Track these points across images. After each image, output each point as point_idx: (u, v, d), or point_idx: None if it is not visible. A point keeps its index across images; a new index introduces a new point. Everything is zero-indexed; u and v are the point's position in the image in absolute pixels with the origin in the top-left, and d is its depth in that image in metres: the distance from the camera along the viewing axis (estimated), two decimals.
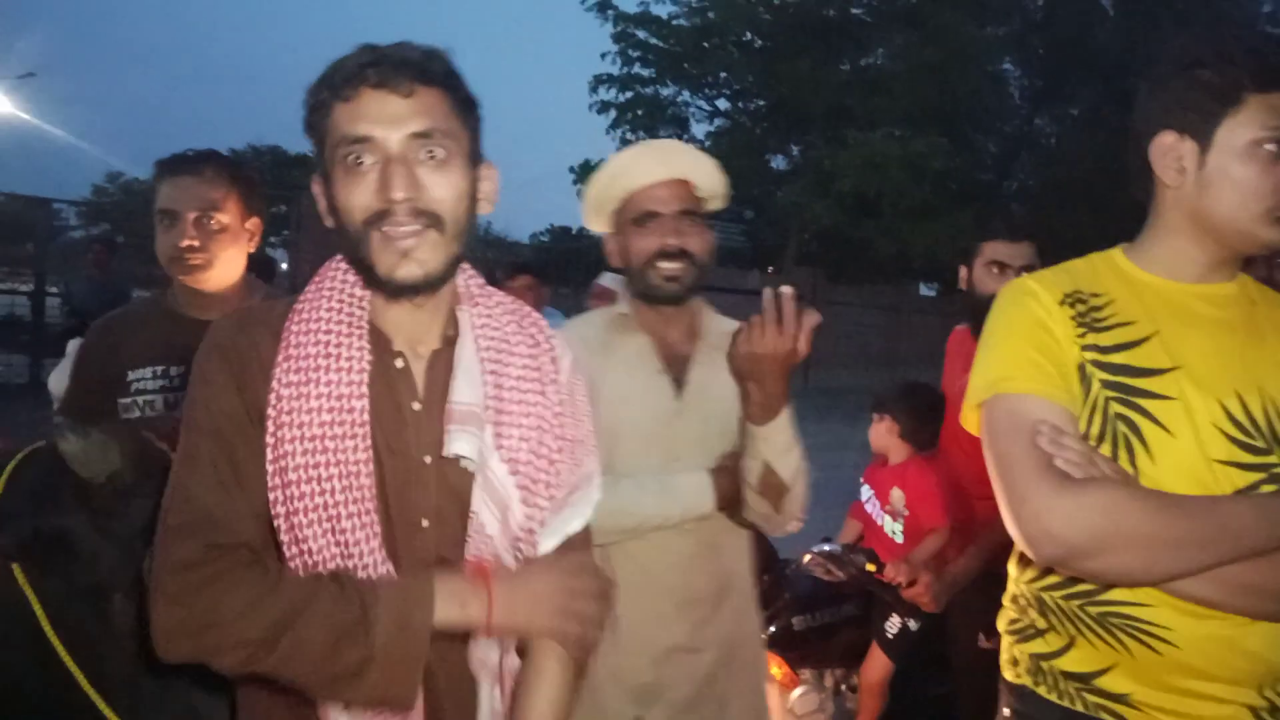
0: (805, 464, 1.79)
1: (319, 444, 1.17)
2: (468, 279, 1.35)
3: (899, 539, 3.05)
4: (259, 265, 7.55)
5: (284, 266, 10.55)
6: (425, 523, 1.25)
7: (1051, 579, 1.40)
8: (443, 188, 1.19)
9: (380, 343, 1.26)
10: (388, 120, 1.16)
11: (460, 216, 1.22)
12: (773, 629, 2.93)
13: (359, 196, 1.17)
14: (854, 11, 17.95)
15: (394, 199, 1.15)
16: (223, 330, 1.26)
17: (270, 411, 1.18)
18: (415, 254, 1.18)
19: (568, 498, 1.35)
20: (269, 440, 1.18)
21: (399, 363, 1.27)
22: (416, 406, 1.26)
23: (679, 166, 1.84)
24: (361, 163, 1.17)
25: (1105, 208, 14.12)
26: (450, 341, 1.30)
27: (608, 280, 4.53)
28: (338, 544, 1.17)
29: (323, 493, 1.17)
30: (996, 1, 16.95)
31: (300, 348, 1.21)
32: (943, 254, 14.60)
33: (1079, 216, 14.70)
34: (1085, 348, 1.37)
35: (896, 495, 3.07)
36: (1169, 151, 1.38)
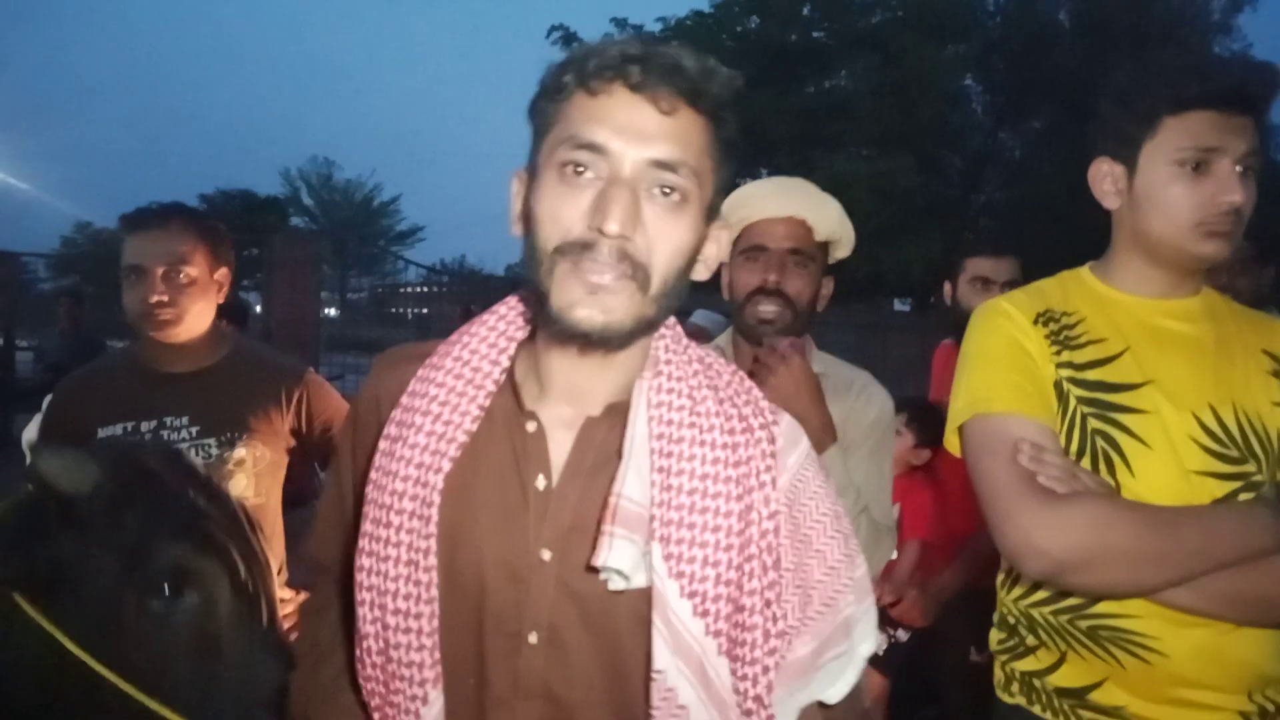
0: (864, 510, 1.64)
1: (385, 514, 0.99)
2: (660, 339, 1.05)
3: (893, 554, 3.03)
4: (232, 310, 7.50)
5: (258, 309, 10.47)
6: (533, 638, 0.98)
7: (1039, 595, 1.40)
8: (665, 237, 0.93)
9: (514, 399, 1.03)
10: (633, 133, 0.91)
11: (671, 276, 0.95)
12: None
13: (565, 212, 0.92)
14: (815, 35, 18.18)
15: (606, 231, 0.89)
16: (375, 366, 1.14)
17: (375, 462, 1.03)
18: (604, 297, 0.91)
19: (816, 660, 1.02)
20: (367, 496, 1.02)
21: (531, 425, 1.01)
22: (541, 484, 0.99)
23: (795, 204, 1.81)
24: (583, 172, 0.93)
25: (1071, 220, 14.29)
26: (616, 411, 1.01)
27: (700, 318, 4.55)
28: (381, 640, 0.99)
29: (379, 573, 0.98)
30: (956, 22, 17.20)
31: (412, 396, 1.03)
32: (914, 270, 14.73)
33: (1046, 229, 14.87)
34: (1060, 365, 1.40)
35: (896, 510, 3.02)
36: (1105, 177, 1.45)
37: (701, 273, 1.02)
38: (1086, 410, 1.37)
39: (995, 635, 1.53)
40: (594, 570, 0.95)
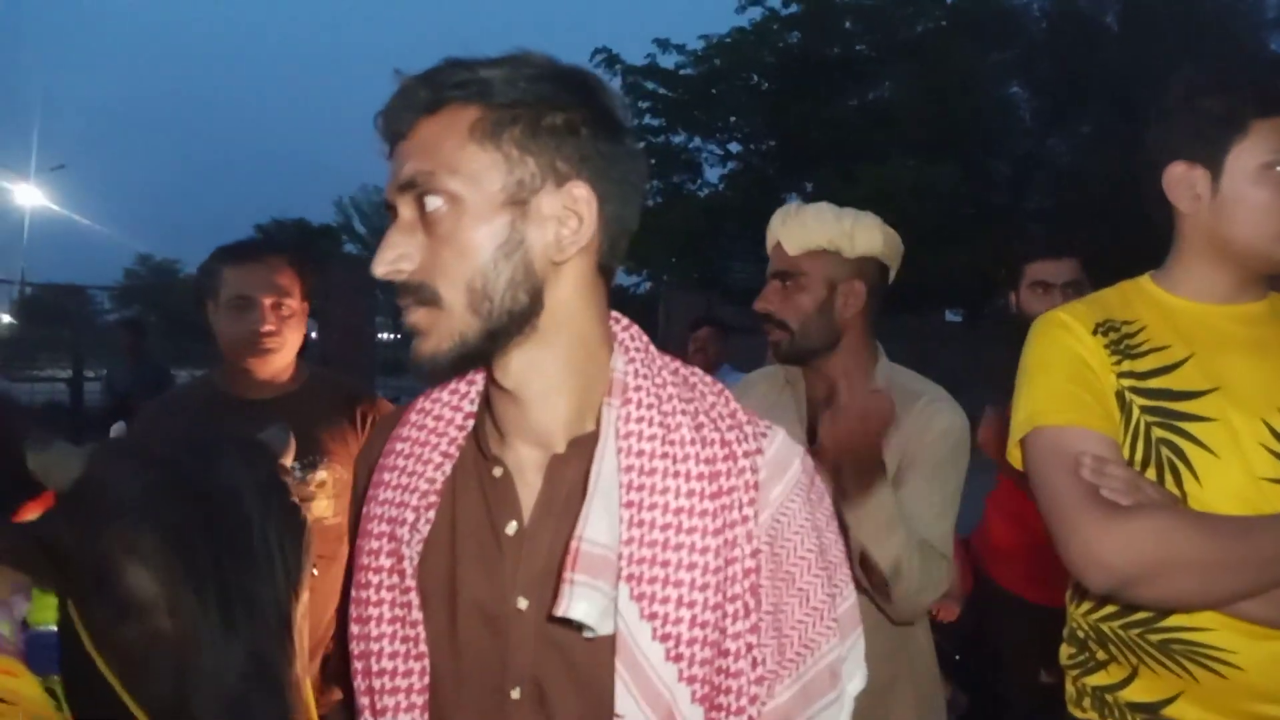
0: (917, 551, 1.58)
1: (365, 575, 0.97)
2: (629, 359, 0.97)
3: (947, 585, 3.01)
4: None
5: (314, 335, 10.69)
6: (516, 693, 0.92)
7: (1109, 609, 1.38)
8: (446, 247, 0.88)
9: (480, 444, 1.00)
10: (393, 174, 0.91)
11: (473, 277, 0.88)
12: None
13: None
14: (857, 48, 18.13)
15: (375, 274, 0.89)
16: (373, 432, 1.13)
17: (359, 525, 1.01)
18: (420, 331, 0.90)
19: (804, 708, 0.96)
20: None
21: (497, 471, 0.97)
22: (512, 529, 0.95)
23: (772, 232, 1.85)
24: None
25: (1123, 224, 14.03)
26: (582, 445, 0.95)
27: None
28: (369, 699, 0.95)
29: (365, 636, 0.96)
30: (999, 28, 17.04)
31: (385, 455, 1.02)
32: (963, 280, 14.56)
33: (1098, 235, 14.61)
34: (1121, 375, 1.38)
35: None
36: (1181, 181, 1.40)
37: (570, 250, 0.91)
38: (1150, 420, 1.35)
39: (1065, 650, 1.51)
40: (553, 617, 0.89)
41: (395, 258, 0.89)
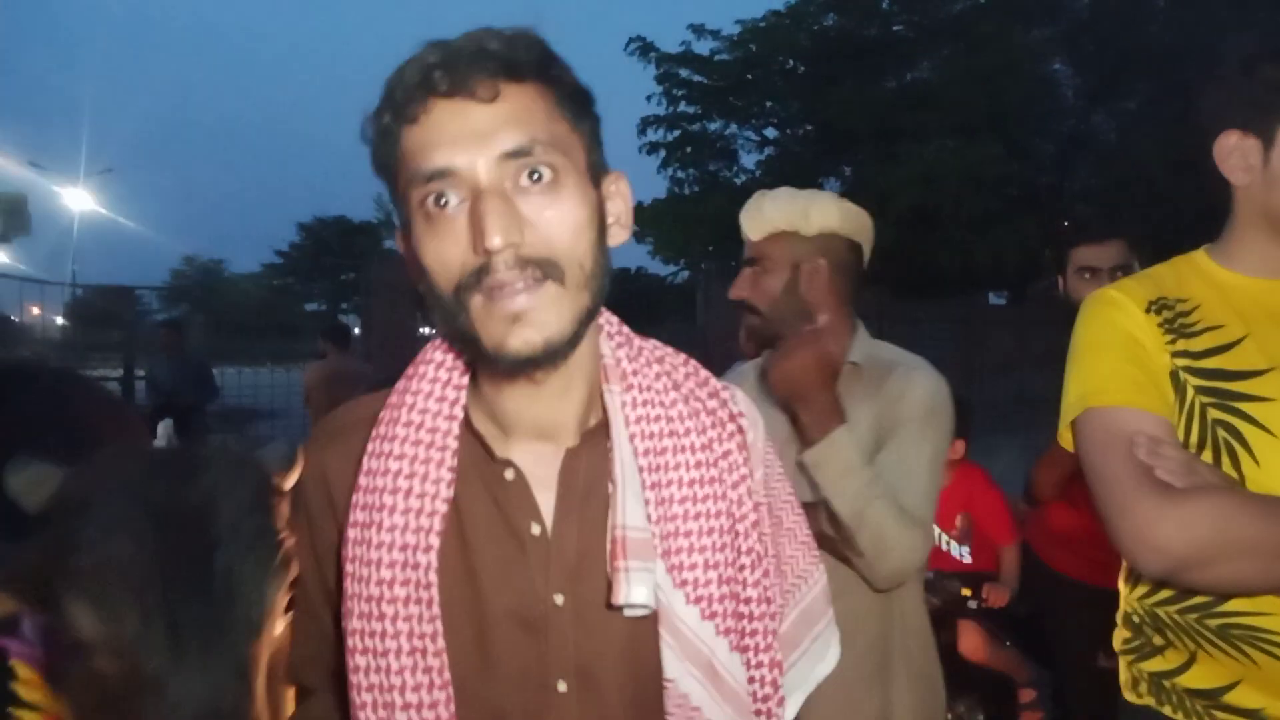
0: (887, 506, 1.58)
1: (375, 607, 0.91)
2: (616, 343, 1.00)
3: (966, 560, 2.99)
4: (334, 332, 7.71)
5: (357, 331, 10.80)
6: (563, 686, 0.93)
7: (1165, 593, 1.36)
8: (557, 222, 0.86)
9: (482, 450, 0.97)
10: (470, 139, 0.84)
11: (584, 255, 0.88)
12: None
13: (449, 250, 0.85)
14: (895, 28, 17.90)
15: (492, 248, 0.82)
16: (313, 442, 1.04)
17: (346, 553, 0.95)
18: (531, 316, 0.85)
19: (805, 633, 1.07)
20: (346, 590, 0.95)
21: (509, 474, 0.95)
22: (536, 530, 0.94)
23: (742, 222, 1.89)
24: (446, 204, 0.85)
25: (1173, 201, 13.79)
26: (593, 436, 0.97)
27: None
28: None
29: (380, 669, 0.91)
30: (1040, 4, 16.74)
31: (372, 475, 0.95)
32: (1009, 261, 14.36)
33: (1148, 212, 14.32)
34: (1175, 354, 1.34)
35: (962, 519, 3.00)
36: (1234, 151, 1.36)
37: (619, 235, 0.95)
38: (1205, 400, 1.31)
39: (1120, 635, 1.48)
40: (610, 604, 0.92)
41: (510, 226, 0.83)
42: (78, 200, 26.50)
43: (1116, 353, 1.36)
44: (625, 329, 1.03)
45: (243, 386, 12.30)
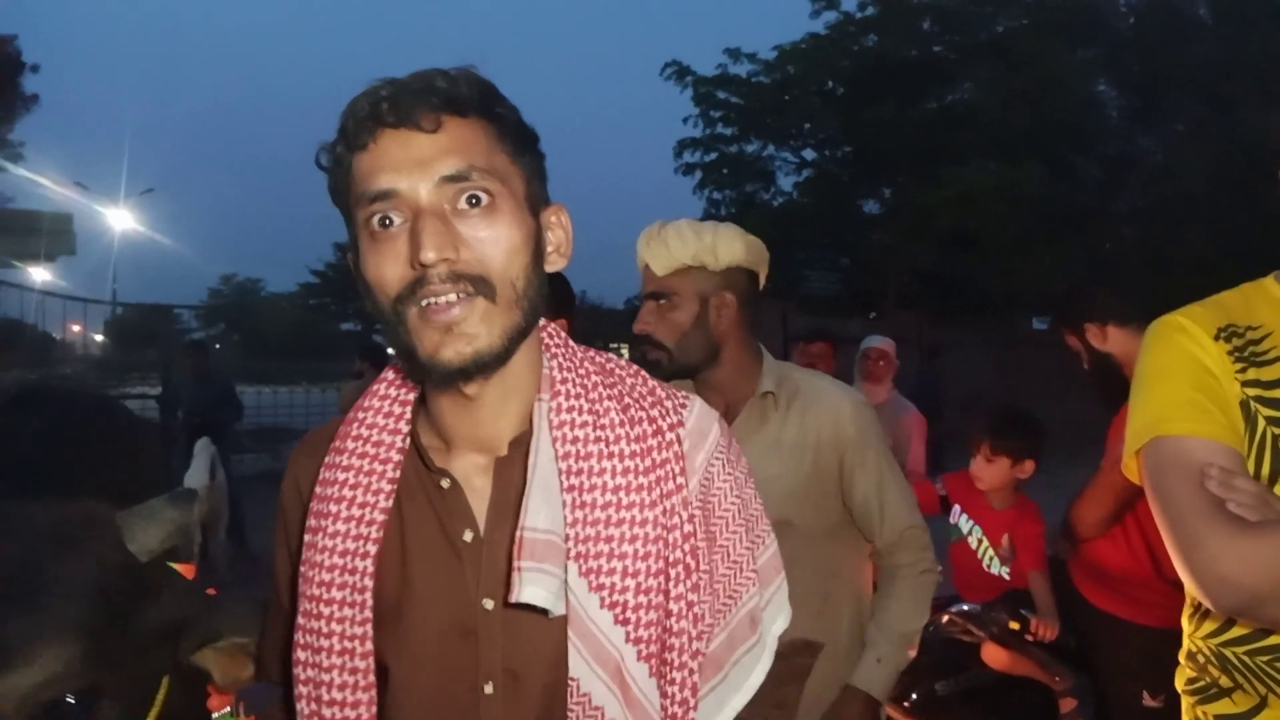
0: (892, 624, 1.90)
1: (315, 606, 0.99)
2: (551, 354, 1.05)
3: (1005, 577, 3.03)
4: (370, 352, 7.76)
5: (391, 351, 10.91)
6: (489, 688, 0.98)
7: (1235, 632, 1.29)
8: (490, 243, 0.92)
9: (421, 462, 1.03)
10: (413, 165, 0.91)
11: (517, 275, 0.94)
12: (914, 695, 2.79)
13: (389, 266, 0.92)
14: (935, 49, 17.85)
15: (425, 261, 0.88)
16: (293, 456, 1.13)
17: (303, 555, 1.02)
18: (461, 328, 0.91)
19: (727, 656, 1.05)
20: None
21: (445, 483, 1.01)
22: (468, 537, 0.99)
23: (640, 254, 1.91)
24: (389, 223, 0.92)
25: (1222, 224, 13.60)
26: (521, 444, 1.01)
27: (878, 342, 4.49)
28: None
29: (314, 665, 0.98)
30: (1083, 23, 16.64)
31: (324, 485, 1.02)
32: (1052, 284, 14.16)
33: (1194, 235, 14.12)
34: (1246, 384, 1.28)
35: (1008, 540, 3.04)
36: None
37: (557, 262, 1.02)
38: (1277, 431, 1.25)
39: (1183, 674, 1.41)
40: (529, 606, 0.94)
41: (444, 244, 0.90)
42: (119, 220, 27.06)
43: (1185, 380, 1.30)
44: (569, 342, 1.08)
45: (278, 406, 12.47)
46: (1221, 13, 16.65)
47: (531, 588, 0.93)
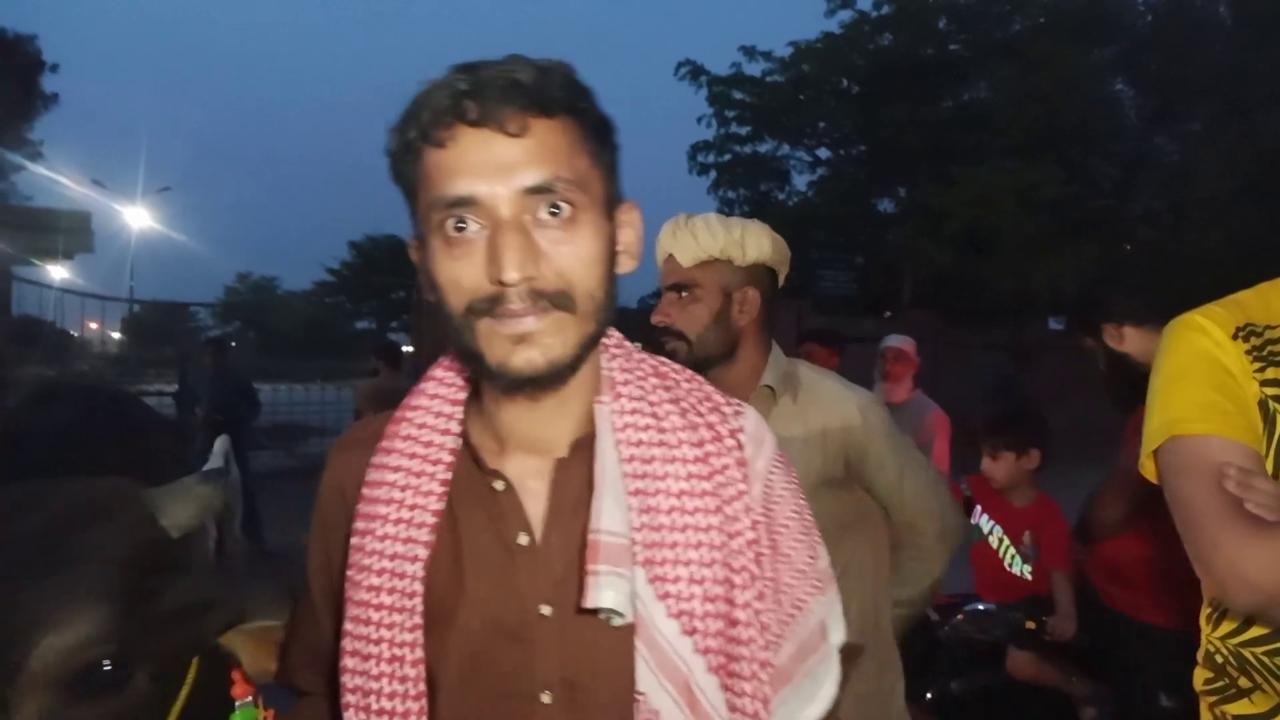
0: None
1: (364, 612, 0.95)
2: (611, 356, 1.02)
3: (1027, 577, 3.02)
4: (385, 350, 7.78)
5: (405, 349, 10.93)
6: (546, 697, 0.94)
7: (1254, 633, 1.29)
8: (571, 256, 0.89)
9: (474, 463, 0.99)
10: (494, 171, 0.86)
11: (596, 286, 0.91)
12: (930, 695, 2.79)
13: (464, 275, 0.88)
14: (951, 48, 17.77)
15: (507, 281, 0.85)
16: (332, 454, 1.09)
17: (348, 559, 0.99)
18: (536, 338, 0.88)
19: (797, 667, 1.00)
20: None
21: (499, 485, 0.97)
22: (524, 540, 0.96)
23: (664, 244, 1.91)
24: (464, 229, 0.88)
25: (1239, 224, 13.50)
26: (582, 447, 0.98)
27: (902, 342, 4.46)
28: None
29: (363, 673, 0.95)
30: (1100, 23, 16.53)
31: (371, 486, 0.99)
32: (1067, 285, 14.08)
33: (1211, 236, 14.01)
34: (1265, 383, 1.28)
35: (1030, 537, 3.03)
36: None
37: (626, 264, 0.97)
38: None
39: (1200, 674, 1.41)
40: (594, 613, 0.91)
41: (526, 259, 0.86)
42: (137, 218, 27.23)
43: (1203, 380, 1.30)
44: (626, 344, 1.05)
45: (294, 403, 12.52)
46: (1239, 14, 16.51)
47: (608, 591, 0.89)
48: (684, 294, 1.86)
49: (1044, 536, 2.98)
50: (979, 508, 3.15)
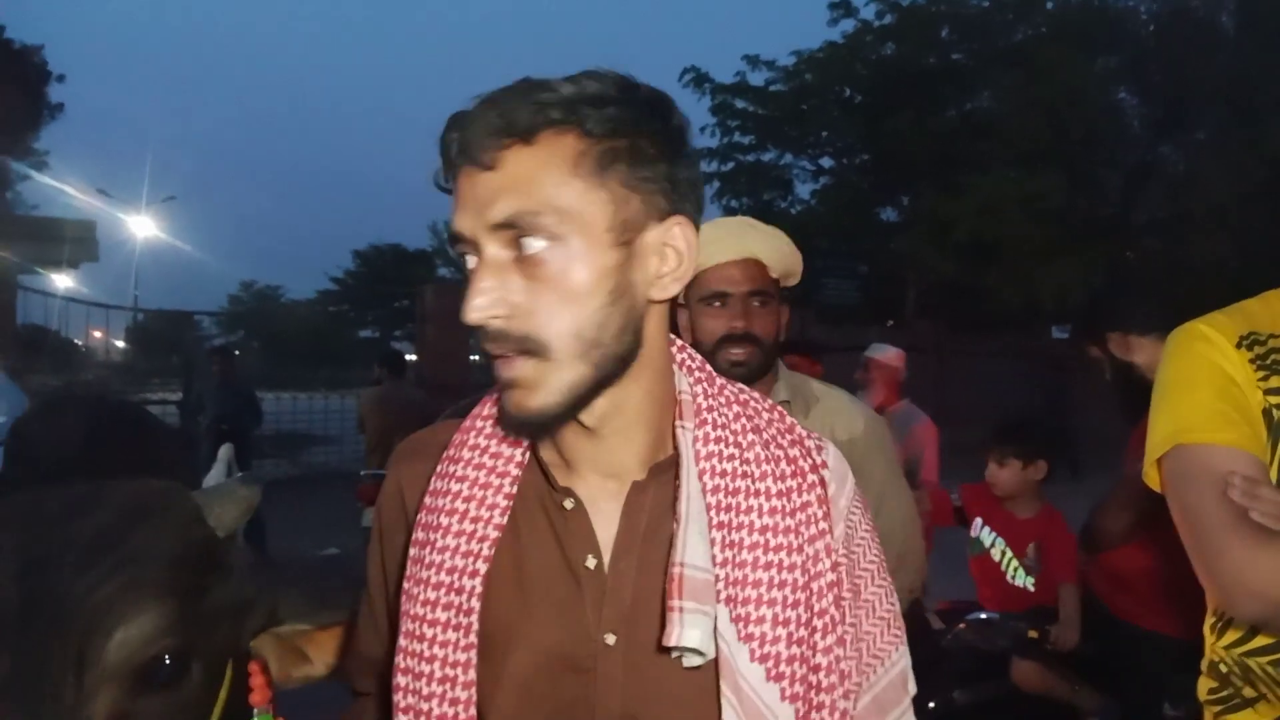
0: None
1: (418, 627, 0.90)
2: (694, 379, 0.97)
3: (1030, 589, 2.99)
4: (390, 359, 7.80)
5: (409, 358, 10.92)
6: None
7: (1258, 642, 1.28)
8: (548, 291, 0.82)
9: (544, 478, 0.94)
10: (474, 207, 0.83)
11: (584, 324, 0.83)
12: (932, 704, 2.78)
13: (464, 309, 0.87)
14: (954, 57, 17.76)
15: (466, 321, 0.83)
16: (394, 460, 1.05)
17: (406, 570, 0.95)
18: (518, 383, 0.84)
19: (880, 719, 0.98)
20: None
21: (568, 503, 0.92)
22: (591, 563, 0.90)
23: (750, 246, 1.83)
24: (469, 264, 0.87)
25: (1244, 233, 13.48)
26: (661, 471, 0.93)
27: (880, 352, 4.54)
28: None
29: (414, 692, 0.89)
30: (1104, 32, 16.52)
31: (435, 495, 0.94)
32: (1073, 294, 14.06)
33: (1216, 245, 13.99)
34: (1269, 392, 1.28)
35: (1034, 549, 3.01)
36: None
37: (668, 287, 0.88)
38: None
39: (1204, 684, 1.40)
40: (664, 649, 0.86)
41: (490, 303, 0.82)
42: (142, 227, 27.32)
43: (1207, 388, 1.30)
44: (707, 366, 0.99)
45: (297, 412, 12.53)
46: (1244, 22, 16.50)
47: (694, 630, 0.84)
48: (758, 299, 1.82)
49: (1049, 549, 2.96)
50: (979, 520, 3.13)
